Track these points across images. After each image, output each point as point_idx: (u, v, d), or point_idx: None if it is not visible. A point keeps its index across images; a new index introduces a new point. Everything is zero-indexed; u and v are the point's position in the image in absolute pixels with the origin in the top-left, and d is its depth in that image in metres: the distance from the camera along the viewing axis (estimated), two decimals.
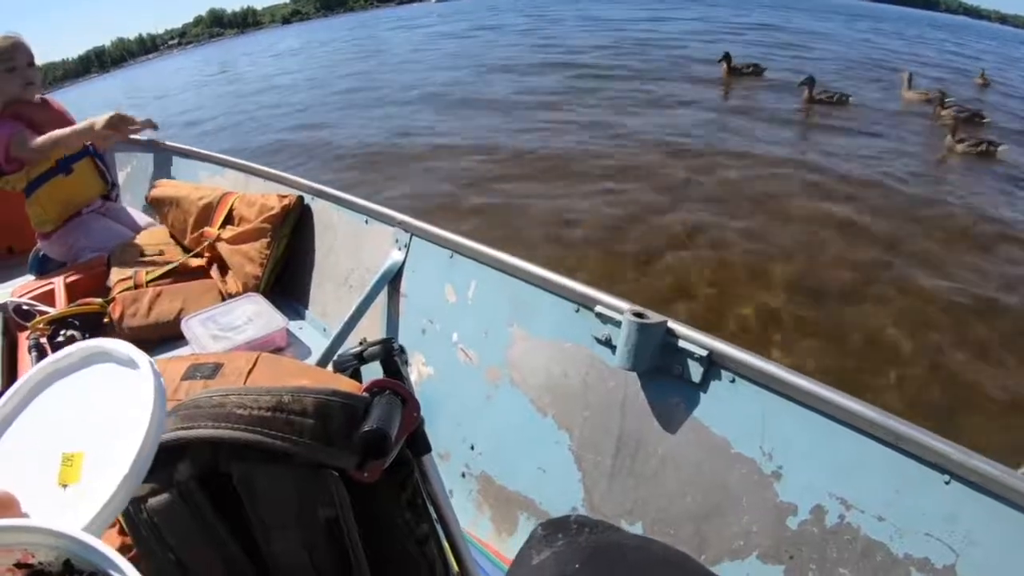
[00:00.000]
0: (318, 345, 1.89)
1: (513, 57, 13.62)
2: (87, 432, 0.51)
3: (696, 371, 1.12)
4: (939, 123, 7.76)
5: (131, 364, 0.55)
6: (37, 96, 2.37)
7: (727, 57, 10.65)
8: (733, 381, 1.09)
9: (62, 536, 0.35)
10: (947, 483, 0.85)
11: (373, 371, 1.29)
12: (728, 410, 1.09)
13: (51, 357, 0.57)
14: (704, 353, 1.10)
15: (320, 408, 0.71)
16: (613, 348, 1.21)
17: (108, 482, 0.45)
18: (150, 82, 26.25)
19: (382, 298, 1.81)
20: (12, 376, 1.74)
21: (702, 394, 1.12)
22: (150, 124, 2.57)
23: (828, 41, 17.32)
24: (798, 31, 19.23)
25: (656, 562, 0.88)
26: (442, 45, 18.09)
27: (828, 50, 15.32)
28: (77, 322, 1.86)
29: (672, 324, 1.15)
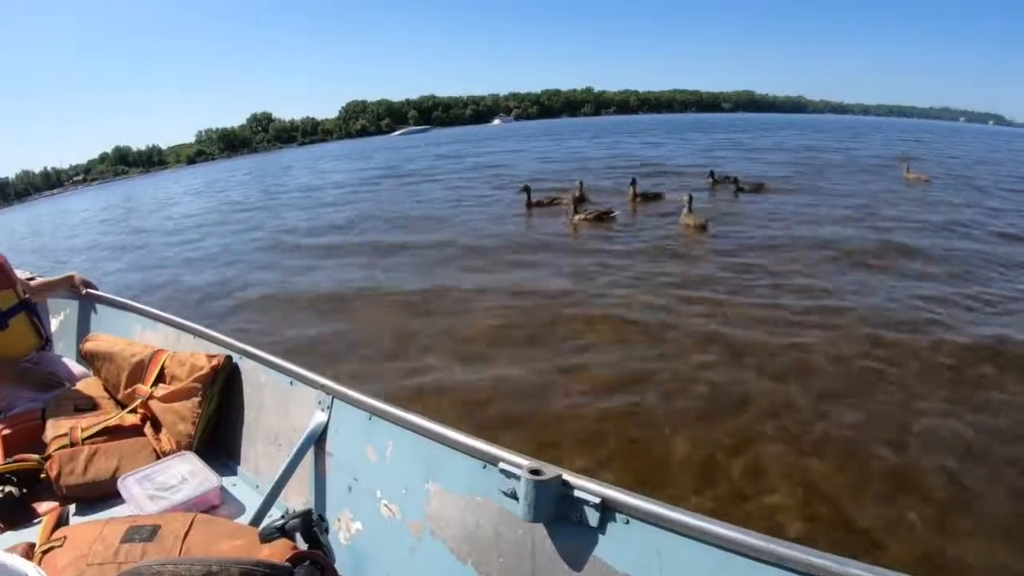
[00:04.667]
0: (251, 502, 1.94)
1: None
2: None
3: (593, 517, 1.22)
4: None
5: None
6: None
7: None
8: (628, 523, 1.18)
9: None
10: None
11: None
12: (625, 549, 1.19)
13: None
14: (597, 500, 1.20)
15: None
16: (518, 500, 1.30)
17: None
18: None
19: (309, 456, 1.88)
20: None
21: (600, 536, 1.22)
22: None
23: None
24: None
25: None
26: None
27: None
28: (15, 478, 1.89)
29: (567, 476, 1.26)
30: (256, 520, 1.77)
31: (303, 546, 1.28)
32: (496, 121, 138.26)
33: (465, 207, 13.12)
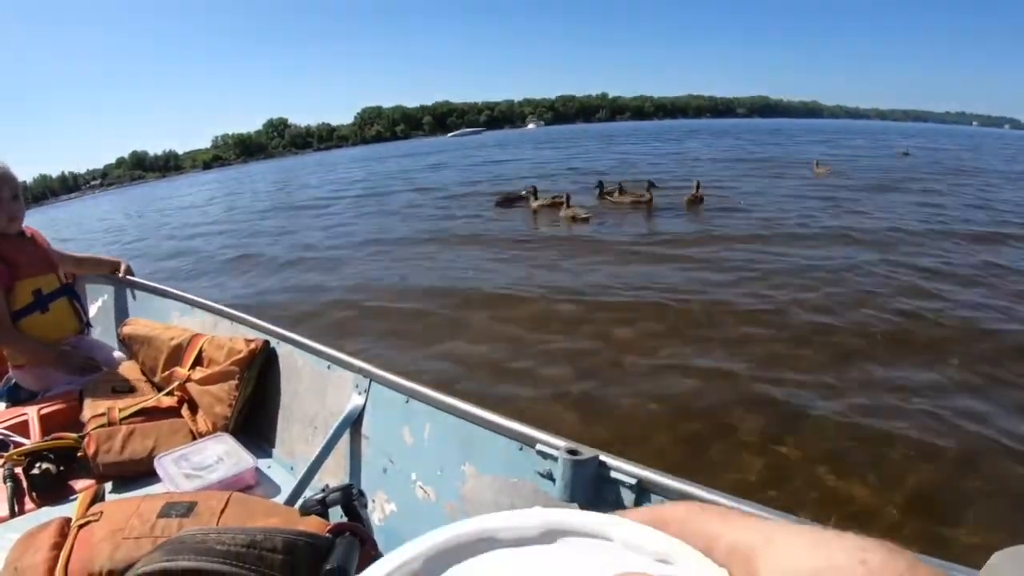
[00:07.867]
0: (286, 483, 1.94)
1: None
2: None
3: (628, 498, 1.22)
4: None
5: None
6: (22, 230, 2.43)
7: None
8: (663, 503, 1.21)
9: None
10: None
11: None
12: None
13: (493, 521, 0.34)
14: (633, 481, 1.21)
15: (288, 546, 0.83)
16: (555, 481, 1.31)
17: None
18: None
19: (345, 439, 1.88)
20: None
21: None
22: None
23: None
24: None
25: None
26: None
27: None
28: (52, 455, 1.87)
29: (603, 457, 1.26)
30: (291, 501, 1.76)
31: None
32: (531, 125, 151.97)
33: None
